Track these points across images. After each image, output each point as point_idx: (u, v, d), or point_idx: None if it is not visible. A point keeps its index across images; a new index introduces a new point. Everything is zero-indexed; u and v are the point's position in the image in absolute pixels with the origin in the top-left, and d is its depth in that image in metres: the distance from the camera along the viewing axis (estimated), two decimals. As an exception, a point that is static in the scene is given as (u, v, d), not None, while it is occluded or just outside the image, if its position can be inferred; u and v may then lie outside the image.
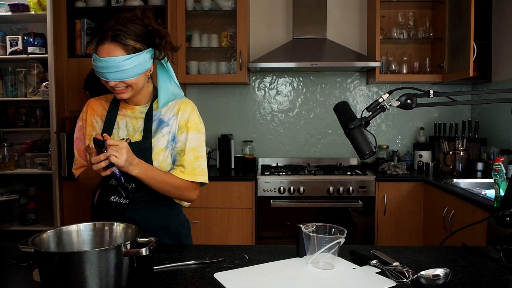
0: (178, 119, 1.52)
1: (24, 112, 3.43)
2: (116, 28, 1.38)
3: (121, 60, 1.36)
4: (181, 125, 1.52)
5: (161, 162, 1.48)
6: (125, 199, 1.48)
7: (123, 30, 1.38)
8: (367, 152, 1.35)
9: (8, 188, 3.38)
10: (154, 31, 1.43)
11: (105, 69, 1.36)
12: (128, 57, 1.37)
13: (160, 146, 1.49)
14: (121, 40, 1.37)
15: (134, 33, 1.39)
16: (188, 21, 3.43)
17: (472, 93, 1.60)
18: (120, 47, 1.37)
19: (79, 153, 1.58)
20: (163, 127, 1.51)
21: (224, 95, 3.75)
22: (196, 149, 1.52)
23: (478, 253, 1.36)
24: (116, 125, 1.53)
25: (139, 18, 1.43)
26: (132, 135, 1.51)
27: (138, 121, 1.52)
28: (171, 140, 1.51)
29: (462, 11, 2.89)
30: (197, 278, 1.16)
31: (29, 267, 1.24)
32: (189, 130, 1.52)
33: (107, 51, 1.36)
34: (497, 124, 3.27)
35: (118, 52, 1.36)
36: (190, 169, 1.49)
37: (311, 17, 3.45)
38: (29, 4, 3.17)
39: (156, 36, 1.43)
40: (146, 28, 1.42)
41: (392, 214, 3.12)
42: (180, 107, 1.53)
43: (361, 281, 1.14)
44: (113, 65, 1.35)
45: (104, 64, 1.36)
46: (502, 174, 1.90)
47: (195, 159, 1.50)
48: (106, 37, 1.37)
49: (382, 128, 3.75)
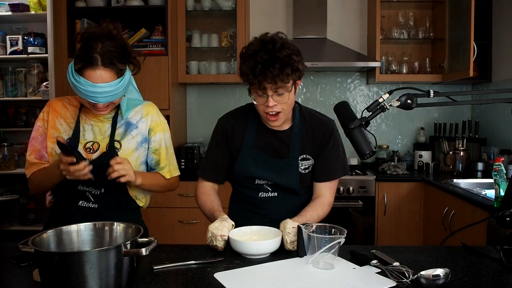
0: (148, 121, 1.59)
1: (24, 112, 3.43)
2: (103, 50, 1.36)
3: (115, 84, 1.39)
4: (153, 126, 1.60)
5: (133, 162, 1.52)
6: (94, 203, 1.53)
7: (110, 52, 1.37)
8: (367, 152, 1.35)
9: (8, 188, 3.38)
10: (127, 45, 1.44)
11: (97, 94, 1.37)
12: (120, 80, 1.40)
13: (131, 147, 1.55)
14: (113, 64, 1.37)
15: (118, 53, 1.39)
16: (188, 21, 3.43)
17: (472, 93, 1.60)
18: (113, 72, 1.38)
19: (34, 153, 1.56)
20: (131, 130, 1.57)
21: (224, 95, 3.75)
22: (170, 147, 1.66)
23: (478, 253, 1.35)
24: (82, 128, 1.54)
25: (112, 32, 1.41)
26: (99, 138, 1.54)
27: (105, 124, 1.55)
28: (142, 141, 1.58)
29: (462, 11, 2.89)
30: (197, 278, 1.16)
31: (29, 267, 1.24)
32: (163, 130, 1.62)
33: (100, 77, 1.36)
34: (497, 124, 3.27)
35: (111, 77, 1.38)
36: (172, 166, 1.65)
37: (311, 17, 3.45)
38: (29, 4, 3.17)
39: (130, 50, 1.44)
40: (120, 43, 1.42)
41: (392, 214, 3.12)
42: (148, 111, 1.61)
43: (361, 281, 1.14)
44: (107, 91, 1.37)
45: (97, 89, 1.36)
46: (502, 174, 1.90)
47: (171, 156, 1.66)
48: (96, 62, 1.35)
49: (382, 128, 3.75)
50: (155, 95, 3.15)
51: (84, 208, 1.53)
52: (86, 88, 1.36)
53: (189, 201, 3.13)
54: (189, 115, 3.75)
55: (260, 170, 1.54)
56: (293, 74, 1.40)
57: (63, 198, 1.55)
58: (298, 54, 1.43)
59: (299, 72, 1.43)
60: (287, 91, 1.42)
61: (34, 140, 1.57)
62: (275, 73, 1.35)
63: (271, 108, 1.44)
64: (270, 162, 1.55)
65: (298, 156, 1.55)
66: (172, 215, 3.14)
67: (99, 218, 1.49)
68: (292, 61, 1.38)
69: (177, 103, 3.39)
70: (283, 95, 1.42)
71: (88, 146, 1.52)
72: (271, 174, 1.54)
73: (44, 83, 3.21)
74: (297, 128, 1.56)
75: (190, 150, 3.26)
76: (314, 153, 1.57)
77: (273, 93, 1.41)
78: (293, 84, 1.45)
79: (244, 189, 1.61)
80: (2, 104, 3.44)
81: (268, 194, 1.57)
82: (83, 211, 1.53)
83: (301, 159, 1.55)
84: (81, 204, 1.52)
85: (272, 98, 1.42)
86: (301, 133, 1.56)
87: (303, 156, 1.56)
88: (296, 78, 1.44)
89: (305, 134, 1.57)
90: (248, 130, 1.57)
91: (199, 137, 3.73)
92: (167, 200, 3.06)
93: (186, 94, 3.75)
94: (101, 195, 1.53)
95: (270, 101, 1.42)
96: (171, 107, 3.20)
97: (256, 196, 1.58)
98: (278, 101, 1.43)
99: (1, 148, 3.27)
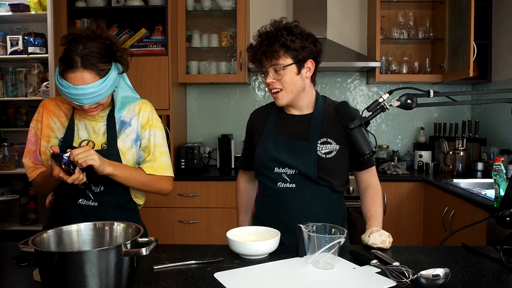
0: (139, 118, 1.58)
1: (25, 112, 3.43)
2: (83, 52, 1.36)
3: (97, 85, 1.38)
4: (143, 123, 1.58)
5: (128, 161, 1.54)
6: (94, 201, 1.53)
7: (90, 53, 1.36)
8: (367, 152, 1.35)
9: (8, 188, 3.39)
10: (112, 43, 1.43)
11: (81, 96, 1.37)
12: (103, 80, 1.39)
13: (126, 146, 1.55)
14: (93, 65, 1.36)
15: (100, 54, 1.39)
16: (188, 21, 3.43)
17: (472, 93, 1.60)
18: (94, 73, 1.37)
19: (29, 154, 1.57)
20: (126, 128, 1.57)
21: (224, 95, 3.75)
22: (160, 145, 1.60)
23: (478, 253, 1.35)
24: (76, 127, 1.55)
25: (96, 32, 1.41)
26: (94, 137, 1.54)
27: (98, 123, 1.56)
28: (136, 139, 1.57)
29: (462, 11, 2.89)
30: (197, 278, 1.16)
31: (29, 267, 1.24)
32: (151, 127, 1.59)
33: (81, 79, 1.36)
34: (497, 124, 3.27)
35: (92, 78, 1.37)
36: (158, 164, 1.58)
37: (311, 17, 3.45)
38: (30, 4, 3.17)
39: (116, 49, 1.43)
40: (105, 43, 1.42)
41: (392, 214, 3.12)
42: (140, 108, 1.60)
43: (361, 281, 1.14)
44: (90, 92, 1.37)
45: (79, 92, 1.36)
46: (502, 174, 1.91)
47: (160, 155, 1.59)
48: (76, 64, 1.35)
49: (382, 128, 3.75)
50: (155, 95, 3.15)
51: (84, 206, 1.53)
52: (69, 91, 1.37)
53: (189, 201, 3.14)
54: (189, 115, 3.75)
55: (280, 152, 1.57)
56: (284, 51, 1.49)
57: (63, 196, 1.55)
58: (293, 34, 1.49)
59: (294, 52, 1.49)
60: (282, 68, 1.50)
61: (28, 142, 1.59)
62: (263, 49, 1.50)
63: (270, 85, 1.55)
64: (289, 144, 1.57)
65: (317, 139, 1.55)
66: (172, 215, 3.14)
67: (99, 216, 1.51)
68: (279, 37, 1.48)
69: (177, 103, 3.39)
70: (279, 72, 1.51)
71: (83, 145, 1.52)
72: (290, 157, 1.55)
73: (44, 83, 3.21)
74: (318, 113, 1.60)
75: (190, 150, 3.26)
76: (338, 139, 1.57)
77: (272, 70, 1.52)
78: (296, 63, 1.51)
79: (264, 178, 1.63)
80: (2, 104, 3.44)
81: (286, 185, 1.56)
82: (83, 210, 1.53)
83: (321, 143, 1.55)
84: (81, 202, 1.53)
85: (270, 74, 1.53)
86: (322, 118, 1.59)
87: (324, 140, 1.56)
88: (292, 57, 1.50)
89: (327, 119, 1.59)
90: (270, 118, 1.65)
91: (199, 137, 3.73)
92: (167, 200, 3.05)
93: (186, 94, 3.75)
94: (101, 193, 1.53)
95: (268, 77, 1.54)
96: (171, 107, 3.20)
97: (275, 187, 1.58)
98: (276, 77, 1.53)
99: (1, 148, 3.27)
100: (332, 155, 1.55)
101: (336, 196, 1.61)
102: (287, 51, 1.49)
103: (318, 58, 1.57)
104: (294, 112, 1.63)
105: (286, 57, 1.50)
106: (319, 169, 1.54)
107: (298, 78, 1.53)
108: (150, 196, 1.72)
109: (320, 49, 1.57)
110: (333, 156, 1.55)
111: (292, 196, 1.56)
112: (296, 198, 1.56)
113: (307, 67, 1.54)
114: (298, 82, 1.54)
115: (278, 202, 1.58)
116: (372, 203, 1.62)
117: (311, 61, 1.54)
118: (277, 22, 1.54)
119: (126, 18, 3.43)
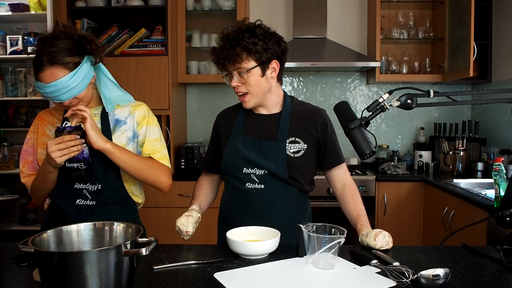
0: (135, 116, 1.61)
1: (24, 112, 3.42)
2: (49, 50, 1.39)
3: (67, 79, 1.40)
4: (139, 120, 1.61)
5: None
6: (91, 200, 1.53)
7: (56, 50, 1.39)
8: (367, 152, 1.35)
9: (8, 188, 3.38)
10: (81, 38, 1.46)
11: (56, 92, 1.40)
12: (73, 73, 1.41)
13: (121, 142, 1.57)
14: (59, 60, 1.39)
15: (66, 48, 1.41)
16: (188, 21, 3.43)
17: (472, 93, 1.60)
18: (62, 68, 1.40)
19: (27, 165, 1.60)
20: (121, 125, 1.59)
21: (224, 95, 3.75)
22: (158, 140, 1.63)
23: (478, 253, 1.35)
24: None
25: (62, 31, 1.44)
26: None
27: None
28: (132, 136, 1.59)
29: (462, 11, 2.89)
30: (197, 278, 1.16)
31: (29, 267, 1.24)
32: (148, 124, 1.62)
33: (51, 75, 1.39)
34: (497, 124, 3.27)
35: (61, 73, 1.40)
36: (160, 155, 1.61)
37: (311, 17, 3.45)
38: (29, 4, 3.16)
39: (85, 42, 1.45)
40: (73, 38, 1.44)
41: (392, 214, 3.12)
42: (136, 108, 1.63)
43: (361, 281, 1.14)
44: (62, 87, 1.40)
45: (52, 89, 1.39)
46: (502, 174, 1.91)
47: (161, 148, 1.63)
48: (44, 63, 1.38)
49: (382, 128, 3.75)
50: (155, 95, 3.15)
51: (82, 206, 1.54)
52: (44, 90, 1.40)
53: (189, 201, 3.12)
54: (189, 115, 3.75)
55: (249, 152, 1.56)
56: (246, 54, 1.47)
57: (60, 199, 1.56)
58: (255, 35, 1.47)
59: (257, 54, 1.47)
60: (246, 72, 1.48)
61: (25, 153, 1.61)
62: (225, 53, 1.48)
63: (236, 89, 1.54)
64: (258, 144, 1.56)
65: (285, 138, 1.55)
66: (172, 215, 3.12)
67: (97, 215, 1.51)
68: (240, 40, 1.46)
69: (177, 103, 3.39)
70: (243, 76, 1.49)
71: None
72: (259, 157, 1.54)
73: (44, 83, 3.21)
74: (287, 112, 1.60)
75: (190, 150, 3.26)
76: (306, 139, 1.57)
77: (236, 73, 1.50)
78: (259, 66, 1.49)
79: (232, 179, 1.61)
80: (2, 104, 3.44)
81: (255, 186, 1.55)
82: (81, 210, 1.53)
83: (289, 142, 1.55)
84: (79, 203, 1.54)
85: (234, 78, 1.51)
86: (290, 117, 1.59)
87: (292, 139, 1.56)
88: (255, 59, 1.48)
89: (296, 119, 1.59)
90: (238, 118, 1.64)
91: (199, 137, 3.73)
92: (167, 200, 3.06)
93: (186, 94, 3.75)
94: (98, 191, 1.54)
95: (233, 81, 1.52)
96: (171, 107, 3.20)
97: (243, 187, 1.57)
98: (241, 81, 1.51)
99: (1, 148, 3.27)
100: (300, 154, 1.56)
101: (302, 196, 1.63)
102: (250, 54, 1.47)
103: (283, 57, 1.55)
104: (262, 112, 1.62)
105: (249, 60, 1.48)
106: (289, 168, 1.54)
107: (263, 80, 1.52)
108: (150, 196, 1.72)
109: (285, 48, 1.55)
110: (301, 156, 1.56)
111: (260, 197, 1.56)
112: (265, 199, 1.55)
113: (271, 68, 1.52)
114: (263, 84, 1.53)
115: (246, 203, 1.58)
116: (354, 202, 1.61)
117: (275, 62, 1.52)
118: (239, 23, 1.52)
119: (126, 18, 3.43)
